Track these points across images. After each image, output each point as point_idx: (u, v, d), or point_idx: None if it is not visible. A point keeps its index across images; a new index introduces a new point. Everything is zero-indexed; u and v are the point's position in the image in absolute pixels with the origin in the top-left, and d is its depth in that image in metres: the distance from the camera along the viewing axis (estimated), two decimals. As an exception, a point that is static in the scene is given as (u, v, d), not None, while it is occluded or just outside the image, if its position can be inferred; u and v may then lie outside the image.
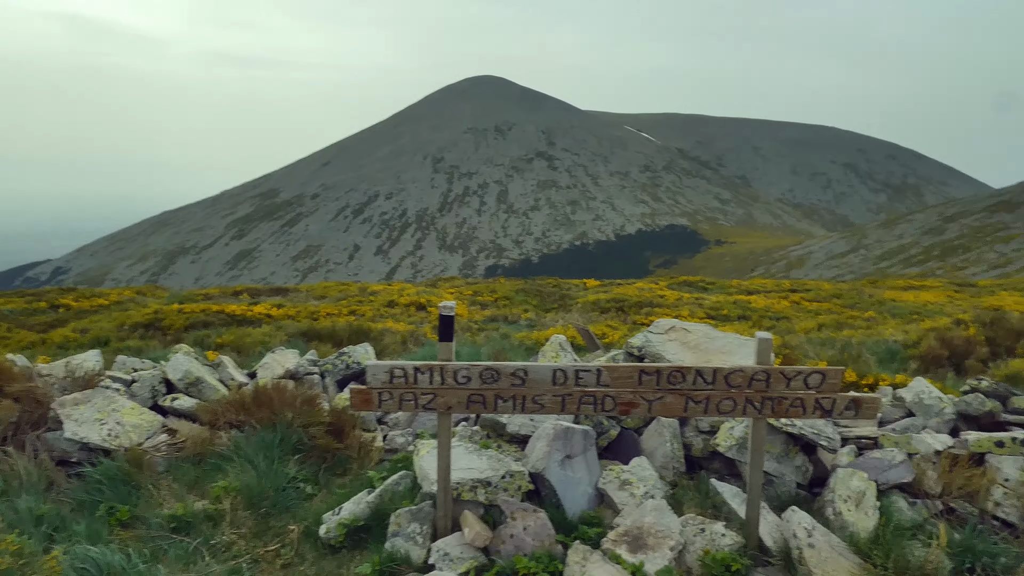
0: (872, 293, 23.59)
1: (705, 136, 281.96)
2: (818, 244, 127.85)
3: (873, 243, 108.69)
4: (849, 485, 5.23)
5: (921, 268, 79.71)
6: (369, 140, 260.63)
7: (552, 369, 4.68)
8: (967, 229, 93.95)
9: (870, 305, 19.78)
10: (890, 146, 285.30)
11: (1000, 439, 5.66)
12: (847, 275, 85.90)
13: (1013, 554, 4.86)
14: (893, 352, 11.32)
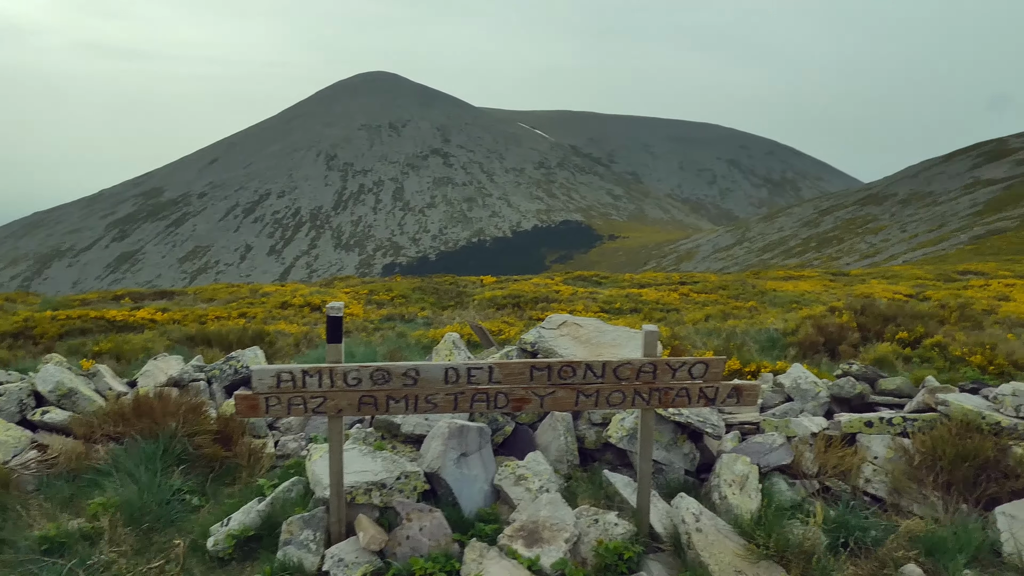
0: (755, 284, 24.68)
1: (597, 133, 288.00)
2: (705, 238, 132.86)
3: (756, 236, 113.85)
4: (733, 469, 5.45)
5: (800, 259, 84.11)
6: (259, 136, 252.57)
7: (444, 368, 4.66)
8: (840, 221, 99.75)
9: (753, 295, 20.70)
10: (770, 143, 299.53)
11: (869, 419, 6.02)
12: (733, 267, 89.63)
13: (882, 527, 5.18)
14: (774, 340, 11.87)
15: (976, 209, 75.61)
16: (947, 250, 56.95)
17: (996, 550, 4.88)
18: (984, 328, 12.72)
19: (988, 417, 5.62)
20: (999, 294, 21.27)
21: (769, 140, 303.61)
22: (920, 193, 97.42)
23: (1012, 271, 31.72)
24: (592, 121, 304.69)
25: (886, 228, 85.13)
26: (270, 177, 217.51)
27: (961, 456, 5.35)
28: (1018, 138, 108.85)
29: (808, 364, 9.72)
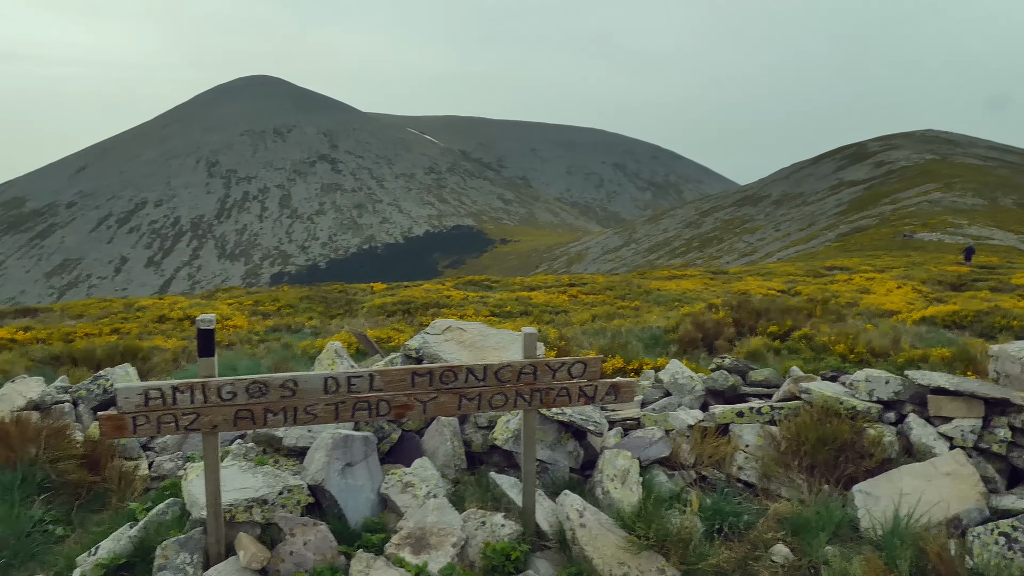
0: (640, 284, 25.47)
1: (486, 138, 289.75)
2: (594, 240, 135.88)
3: (642, 237, 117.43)
4: (615, 464, 5.61)
5: (684, 259, 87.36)
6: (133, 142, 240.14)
7: (323, 377, 4.58)
8: (720, 222, 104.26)
9: (638, 295, 21.36)
10: (653, 147, 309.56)
11: (740, 410, 6.34)
12: (621, 268, 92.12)
13: (753, 511, 5.46)
14: (657, 337, 12.29)
15: (841, 208, 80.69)
16: (816, 247, 60.49)
17: (855, 526, 5.22)
18: (847, 320, 13.61)
19: (845, 402, 6.02)
20: (861, 287, 22.81)
21: (652, 145, 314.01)
22: (791, 194, 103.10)
23: (873, 266, 34.06)
24: (481, 126, 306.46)
25: (762, 228, 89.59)
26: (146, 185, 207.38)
27: (822, 440, 5.70)
28: (876, 141, 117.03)
29: (688, 360, 10.12)
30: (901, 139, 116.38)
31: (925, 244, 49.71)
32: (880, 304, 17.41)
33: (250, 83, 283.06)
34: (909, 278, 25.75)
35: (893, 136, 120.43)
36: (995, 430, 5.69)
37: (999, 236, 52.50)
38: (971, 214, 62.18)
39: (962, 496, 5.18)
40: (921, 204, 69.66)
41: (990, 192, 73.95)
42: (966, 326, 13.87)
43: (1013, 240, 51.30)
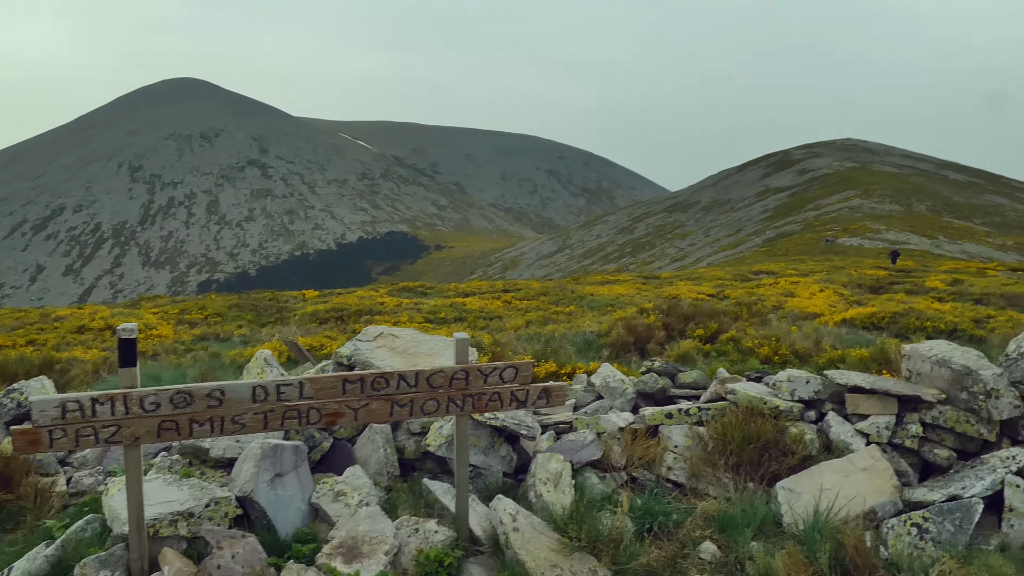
0: (575, 289, 25.72)
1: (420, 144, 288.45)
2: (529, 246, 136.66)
3: (576, 243, 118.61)
4: (548, 468, 5.66)
5: (617, 264, 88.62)
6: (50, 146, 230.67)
7: (251, 386, 4.50)
8: (652, 228, 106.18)
9: (572, 300, 21.56)
10: (585, 154, 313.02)
11: (669, 411, 6.48)
12: (556, 273, 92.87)
13: (682, 510, 5.58)
14: (590, 342, 12.43)
15: (767, 215, 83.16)
16: (744, 252, 62.14)
17: (778, 521, 5.39)
18: (772, 322, 14.02)
19: (769, 402, 6.22)
20: (786, 291, 23.51)
21: (585, 151, 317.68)
22: (720, 200, 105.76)
23: (797, 270, 35.17)
24: (415, 132, 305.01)
25: (692, 233, 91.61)
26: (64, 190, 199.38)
27: (747, 439, 5.88)
28: (799, 150, 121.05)
29: (620, 363, 10.28)
30: (822, 147, 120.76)
31: (846, 249, 51.62)
32: (804, 307, 17.98)
33: (176, 86, 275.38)
34: (831, 282, 26.67)
35: (815, 144, 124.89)
36: (908, 426, 5.96)
37: (915, 241, 54.90)
38: (888, 220, 64.86)
39: (877, 490, 5.40)
40: (842, 210, 72.33)
41: (905, 199, 77.31)
42: (883, 327, 14.46)
43: (927, 244, 53.71)
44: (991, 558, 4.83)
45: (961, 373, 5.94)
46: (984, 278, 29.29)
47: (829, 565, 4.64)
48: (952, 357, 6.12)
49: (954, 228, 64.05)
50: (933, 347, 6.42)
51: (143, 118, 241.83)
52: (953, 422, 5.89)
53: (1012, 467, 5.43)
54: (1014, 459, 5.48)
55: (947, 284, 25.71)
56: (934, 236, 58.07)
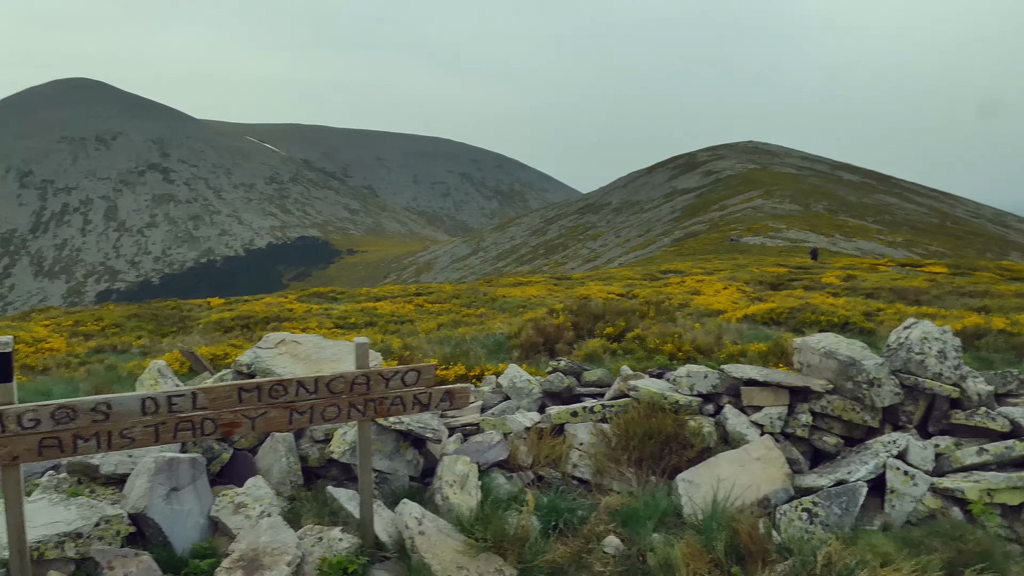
0: (487, 291, 25.80)
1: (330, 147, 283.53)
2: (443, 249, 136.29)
3: (490, 245, 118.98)
4: (454, 470, 5.66)
5: (531, 265, 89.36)
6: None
7: (141, 399, 4.33)
8: (564, 229, 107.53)
9: (485, 302, 21.62)
10: (498, 157, 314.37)
11: (574, 409, 6.58)
12: (470, 276, 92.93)
13: (587, 506, 5.68)
14: (500, 343, 12.50)
15: (675, 215, 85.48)
16: (654, 252, 63.67)
17: (679, 513, 5.55)
18: (676, 320, 14.40)
19: (669, 397, 6.39)
20: (692, 289, 24.22)
21: (497, 154, 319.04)
22: (630, 202, 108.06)
23: (704, 268, 36.27)
24: (324, 135, 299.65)
25: (604, 234, 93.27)
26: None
27: (648, 434, 6.03)
28: (705, 152, 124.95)
29: (529, 364, 10.37)
30: (726, 149, 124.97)
31: (750, 247, 53.55)
32: (708, 304, 18.56)
33: (69, 86, 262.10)
34: (734, 279, 27.63)
35: (720, 147, 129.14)
36: (799, 415, 6.24)
37: (813, 239, 57.40)
38: (789, 219, 67.65)
39: (770, 478, 5.63)
40: (746, 210, 75.03)
41: (804, 199, 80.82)
42: (782, 322, 15.08)
43: (824, 242, 56.22)
44: (874, 537, 5.09)
45: (846, 364, 6.26)
46: (875, 273, 30.94)
47: (725, 552, 4.81)
48: (838, 349, 6.44)
49: (849, 226, 67.35)
50: (821, 340, 6.73)
51: (34, 120, 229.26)
52: (840, 410, 6.19)
53: (893, 451, 5.75)
54: (894, 443, 5.80)
55: (842, 280, 27.03)
56: (830, 234, 60.90)
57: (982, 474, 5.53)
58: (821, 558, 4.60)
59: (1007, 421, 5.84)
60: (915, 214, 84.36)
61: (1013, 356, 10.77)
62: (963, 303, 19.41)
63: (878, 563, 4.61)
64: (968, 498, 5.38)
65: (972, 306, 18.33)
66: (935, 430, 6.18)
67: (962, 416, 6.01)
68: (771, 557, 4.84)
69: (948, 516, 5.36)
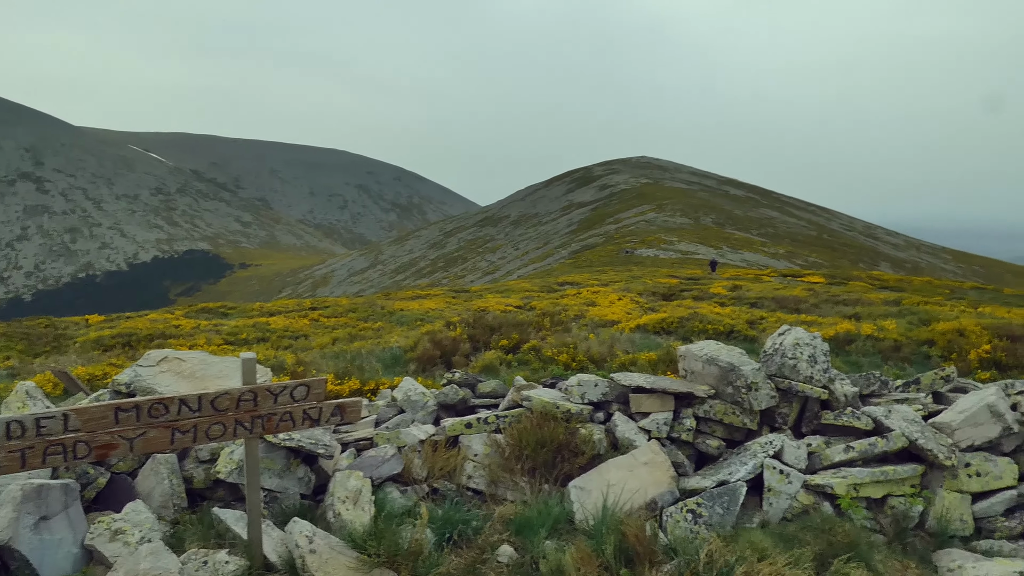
0: (385, 305, 25.51)
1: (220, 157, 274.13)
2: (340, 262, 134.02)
3: (388, 258, 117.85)
4: (347, 486, 5.58)
5: (430, 278, 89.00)
6: None
7: (5, 422, 4.08)
8: (463, 242, 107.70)
9: (382, 316, 21.38)
10: (396, 169, 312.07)
11: (469, 421, 6.61)
12: (369, 289, 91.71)
13: (481, 516, 5.72)
14: (397, 357, 12.40)
15: (572, 228, 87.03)
16: (552, 264, 64.59)
17: (571, 519, 5.66)
18: (572, 331, 14.68)
19: (561, 406, 6.52)
20: (588, 300, 24.72)
21: (395, 166, 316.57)
22: (528, 215, 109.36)
23: (599, 280, 37.09)
24: (214, 144, 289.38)
25: (502, 247, 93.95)
26: None
27: (541, 443, 6.13)
28: (600, 166, 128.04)
29: (425, 377, 10.35)
30: (620, 164, 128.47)
31: (644, 259, 55.12)
32: (603, 315, 18.99)
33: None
34: (629, 290, 28.39)
35: (614, 161, 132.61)
36: (683, 420, 6.48)
37: (703, 251, 59.65)
38: (680, 232, 70.06)
39: (657, 481, 5.83)
40: (639, 223, 77.23)
41: (694, 212, 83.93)
42: (672, 331, 15.61)
43: (713, 254, 58.50)
44: (753, 535, 5.35)
45: (727, 369, 6.56)
46: (759, 284, 32.45)
47: (614, 555, 4.94)
48: (719, 355, 6.74)
49: (735, 239, 70.36)
50: (704, 347, 7.03)
51: None
52: (722, 414, 6.48)
53: (770, 451, 6.07)
54: (771, 444, 6.12)
55: (728, 290, 28.21)
56: (719, 246, 63.43)
57: (849, 470, 5.91)
58: (704, 557, 4.79)
59: (870, 420, 6.26)
60: (795, 227, 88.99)
61: (879, 359, 11.54)
62: (838, 311, 20.63)
63: (756, 558, 4.85)
64: (837, 493, 5.73)
65: (845, 313, 19.52)
66: (807, 430, 6.56)
67: (831, 416, 6.40)
68: (658, 558, 5.01)
69: (819, 511, 5.70)
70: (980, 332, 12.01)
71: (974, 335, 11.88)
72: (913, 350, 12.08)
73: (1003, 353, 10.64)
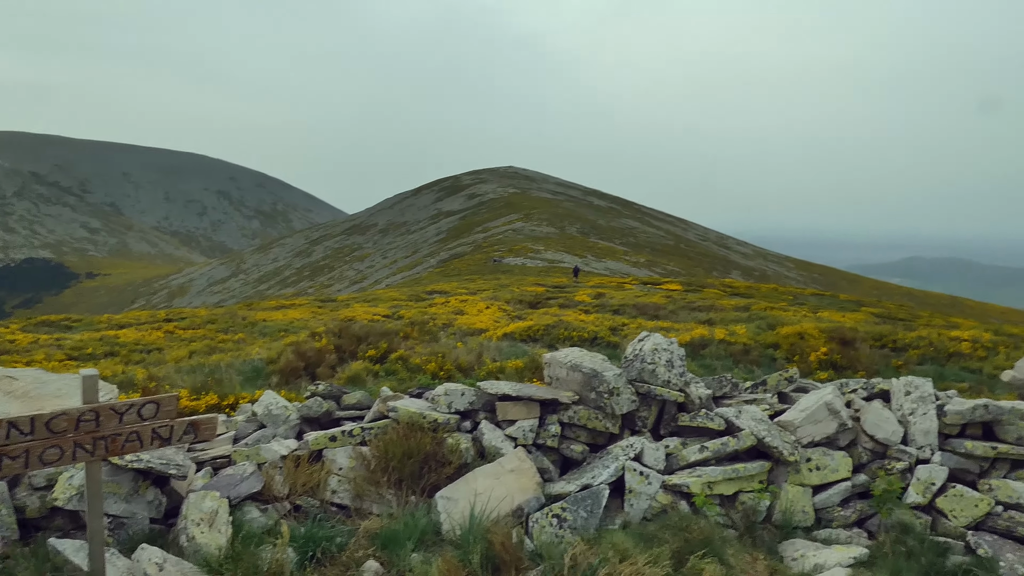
0: (246, 316, 24.54)
1: (64, 160, 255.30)
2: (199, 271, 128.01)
3: (251, 267, 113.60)
4: (201, 507, 5.30)
5: (296, 288, 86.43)
6: None
7: None
8: (330, 251, 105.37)
9: (244, 327, 20.55)
10: (259, 175, 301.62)
11: (333, 434, 6.45)
12: (230, 299, 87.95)
13: (347, 532, 5.58)
14: (259, 370, 11.94)
15: (441, 237, 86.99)
16: (421, 273, 64.26)
17: (438, 530, 5.63)
18: (440, 340, 14.67)
19: (428, 416, 6.48)
20: (456, 309, 24.77)
21: (258, 172, 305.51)
22: (397, 223, 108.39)
23: (468, 288, 37.24)
24: (57, 146, 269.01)
25: (371, 255, 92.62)
26: None
27: (407, 454, 6.06)
28: (468, 175, 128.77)
29: (289, 390, 10.01)
30: (488, 174, 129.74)
31: (512, 268, 55.83)
32: (472, 324, 19.08)
33: None
34: (497, 299, 28.66)
35: (482, 171, 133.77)
36: (549, 427, 6.60)
37: (568, 259, 61.09)
38: (546, 241, 71.49)
39: (523, 488, 5.90)
40: (507, 232, 78.19)
41: (560, 222, 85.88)
42: (539, 338, 15.89)
43: (579, 263, 60.05)
44: (616, 536, 5.51)
45: (590, 375, 6.73)
46: (622, 291, 33.60)
47: (481, 564, 4.95)
48: (582, 362, 6.91)
49: (599, 248, 72.56)
50: (568, 354, 7.18)
51: None
52: (585, 419, 6.64)
53: (631, 454, 6.27)
54: (632, 447, 6.34)
55: (592, 298, 29.05)
56: (583, 255, 65.20)
57: (704, 469, 6.20)
58: (568, 560, 4.89)
59: (723, 420, 6.60)
60: (655, 237, 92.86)
61: (731, 362, 12.22)
62: (693, 317, 21.69)
63: (617, 559, 4.99)
64: (693, 492, 6.00)
65: (700, 319, 20.56)
66: (666, 432, 6.83)
67: (687, 418, 6.70)
68: (524, 564, 5.06)
69: (677, 510, 5.95)
70: (818, 335, 12.96)
71: (813, 338, 12.80)
72: (761, 353, 12.88)
73: (838, 355, 11.52)
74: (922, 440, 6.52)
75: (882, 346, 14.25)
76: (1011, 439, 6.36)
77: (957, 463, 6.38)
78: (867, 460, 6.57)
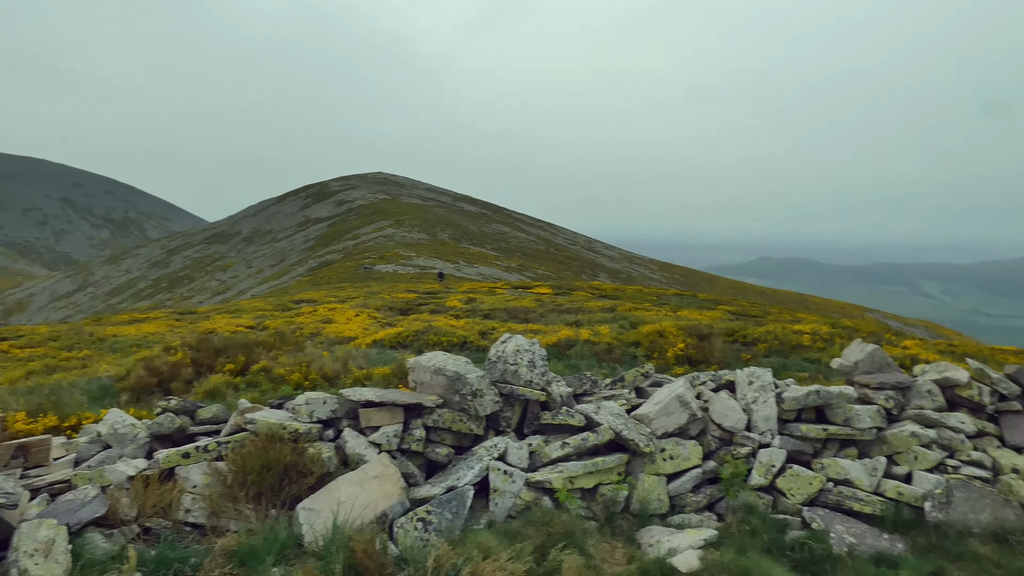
0: (94, 331, 22.99)
1: None
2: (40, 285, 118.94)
3: (101, 280, 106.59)
4: (35, 537, 4.92)
5: (152, 300, 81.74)
6: None
7: None
8: (190, 260, 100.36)
9: (91, 344, 19.24)
10: (108, 181, 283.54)
11: (186, 451, 6.15)
12: (77, 315, 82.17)
13: (202, 551, 5.33)
14: (106, 388, 11.23)
15: (309, 244, 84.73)
16: (288, 282, 62.32)
17: (300, 543, 5.48)
18: (306, 349, 14.28)
19: (288, 426, 6.30)
20: (325, 318, 24.20)
21: (107, 178, 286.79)
22: (262, 231, 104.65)
23: (337, 297, 36.45)
24: None
25: (234, 265, 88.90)
26: None
27: (266, 466, 5.87)
28: (336, 181, 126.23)
29: (140, 407, 9.46)
30: (357, 180, 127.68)
31: (383, 275, 55.12)
32: (340, 332, 18.71)
33: None
34: (367, 306, 28.21)
35: (350, 177, 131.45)
36: (413, 431, 6.57)
37: (440, 265, 60.98)
38: (418, 247, 71.09)
39: (387, 494, 5.84)
40: (378, 239, 77.16)
41: (431, 228, 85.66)
42: (408, 345, 15.78)
43: (451, 268, 60.11)
44: (480, 535, 5.56)
45: (453, 378, 6.76)
46: (493, 296, 33.90)
47: (344, 574, 4.87)
48: (446, 365, 6.93)
49: (471, 253, 72.90)
50: (432, 358, 7.19)
51: None
52: (450, 422, 6.66)
53: (495, 454, 6.35)
54: (496, 447, 6.41)
55: (463, 303, 29.14)
56: (455, 261, 65.31)
57: (565, 464, 6.36)
58: (431, 563, 4.89)
59: (583, 417, 6.80)
60: (525, 242, 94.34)
61: (595, 361, 12.59)
62: (562, 319, 22.18)
63: (481, 558, 5.04)
64: (555, 487, 6.14)
65: (568, 321, 21.06)
66: (529, 431, 6.96)
67: (549, 416, 6.85)
68: (388, 570, 5.01)
69: (540, 505, 6.07)
70: (677, 332, 13.58)
71: (672, 335, 13.40)
72: (623, 351, 13.35)
73: (694, 350, 12.12)
74: (763, 426, 6.97)
75: (734, 341, 15.12)
76: (839, 421, 6.92)
77: (794, 445, 6.87)
78: (716, 447, 6.96)
